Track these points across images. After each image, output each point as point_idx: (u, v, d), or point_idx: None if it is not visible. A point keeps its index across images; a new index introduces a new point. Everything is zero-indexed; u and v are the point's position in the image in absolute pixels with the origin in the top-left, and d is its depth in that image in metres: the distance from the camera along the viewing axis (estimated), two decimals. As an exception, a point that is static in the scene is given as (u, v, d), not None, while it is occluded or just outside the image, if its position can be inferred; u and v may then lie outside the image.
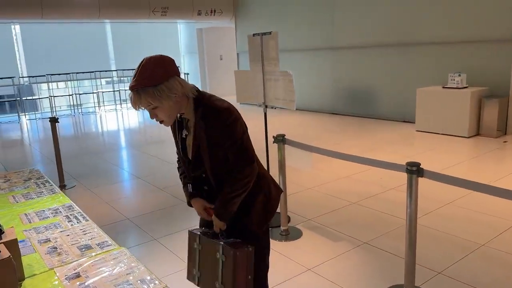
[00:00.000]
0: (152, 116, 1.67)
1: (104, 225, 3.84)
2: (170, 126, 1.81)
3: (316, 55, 9.50)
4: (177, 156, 1.94)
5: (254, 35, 3.52)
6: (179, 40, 14.15)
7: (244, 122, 1.76)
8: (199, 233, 1.84)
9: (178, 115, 1.77)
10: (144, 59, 1.63)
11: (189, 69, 13.89)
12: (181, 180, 1.96)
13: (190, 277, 1.89)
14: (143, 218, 3.97)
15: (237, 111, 1.73)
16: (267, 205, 1.86)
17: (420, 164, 2.36)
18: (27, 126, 9.88)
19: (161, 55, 1.65)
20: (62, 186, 4.99)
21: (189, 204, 1.92)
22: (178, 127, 1.82)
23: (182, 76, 1.71)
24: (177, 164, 1.98)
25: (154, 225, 3.79)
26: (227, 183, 1.74)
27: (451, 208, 3.84)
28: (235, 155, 1.71)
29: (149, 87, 1.57)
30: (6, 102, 11.82)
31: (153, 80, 1.57)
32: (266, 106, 3.67)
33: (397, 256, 3.03)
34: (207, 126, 1.68)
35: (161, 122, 1.70)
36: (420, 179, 2.38)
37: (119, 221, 3.94)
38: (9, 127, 9.73)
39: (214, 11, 11.31)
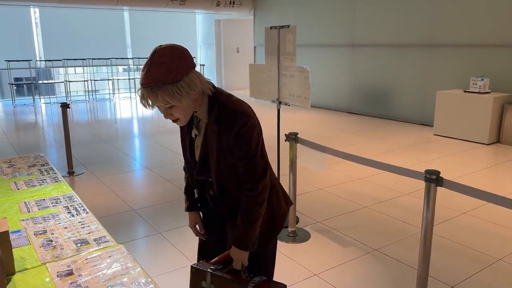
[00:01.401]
0: (167, 116, 1.49)
1: (108, 215, 3.78)
2: None
3: (335, 52, 9.31)
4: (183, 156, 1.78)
5: (271, 27, 3.39)
6: (196, 31, 14.06)
7: (261, 129, 1.57)
8: (210, 270, 1.59)
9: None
10: (156, 49, 1.40)
11: (205, 61, 13.79)
12: (185, 182, 1.83)
13: None
14: (149, 210, 3.90)
15: (256, 116, 1.56)
16: (273, 221, 1.68)
17: (439, 173, 2.22)
18: (42, 110, 9.92)
19: (175, 44, 1.44)
20: (71, 173, 4.96)
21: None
22: (188, 125, 1.65)
23: (197, 68, 1.58)
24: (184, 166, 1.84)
25: (160, 218, 3.71)
26: (242, 205, 1.55)
27: (467, 218, 3.68)
28: (247, 168, 1.53)
29: (168, 84, 1.36)
30: (25, 85, 11.92)
31: (173, 75, 1.36)
32: (279, 103, 3.55)
33: (409, 266, 2.90)
34: (220, 130, 1.51)
35: (175, 121, 1.52)
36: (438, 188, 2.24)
37: (125, 212, 3.88)
38: (24, 110, 9.78)
39: (233, 2, 11.17)
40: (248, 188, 1.54)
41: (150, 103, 1.41)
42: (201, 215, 1.83)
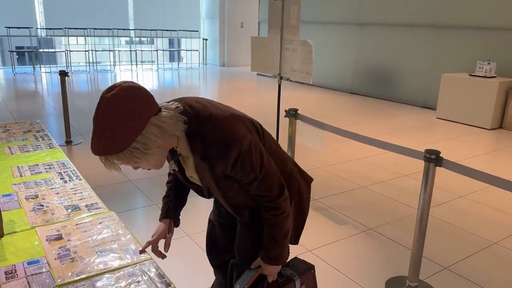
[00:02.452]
0: (135, 169, 1.27)
1: (105, 185, 3.77)
2: None
3: (339, 30, 9.14)
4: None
5: None
6: (200, 3, 13.79)
7: (257, 140, 1.36)
8: None
9: None
10: (101, 105, 1.13)
11: (208, 35, 13.59)
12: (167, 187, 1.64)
13: None
14: (146, 182, 3.89)
15: (249, 128, 1.34)
16: (300, 208, 1.58)
17: (439, 153, 2.18)
18: (43, 79, 9.83)
19: (125, 89, 1.14)
20: (68, 142, 4.93)
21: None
22: (169, 155, 1.38)
23: (199, 43, 1.35)
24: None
25: (156, 190, 3.70)
26: (267, 224, 1.42)
27: (464, 202, 3.66)
28: (261, 190, 1.36)
29: (119, 152, 1.14)
30: (26, 53, 11.78)
31: (119, 146, 1.12)
32: (281, 78, 3.49)
33: (403, 246, 2.90)
34: (213, 166, 1.30)
35: (149, 169, 1.30)
36: (437, 168, 2.21)
37: (121, 182, 3.87)
38: (24, 78, 9.69)
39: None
40: (270, 207, 1.39)
41: (109, 167, 1.19)
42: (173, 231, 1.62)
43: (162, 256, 1.54)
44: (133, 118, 1.12)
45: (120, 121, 1.11)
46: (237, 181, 1.36)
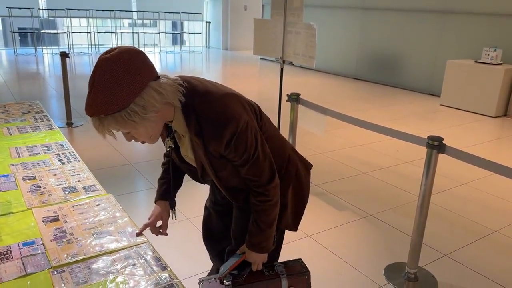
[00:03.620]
0: (128, 139, 1.24)
1: (105, 167, 3.76)
2: None
3: (344, 14, 9.00)
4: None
5: (279, -19, 3.23)
6: (204, -14, 13.61)
7: (254, 123, 1.32)
8: (229, 284, 1.43)
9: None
10: (99, 64, 1.10)
11: (211, 18, 13.44)
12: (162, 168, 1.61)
13: None
14: (146, 165, 3.88)
15: (247, 109, 1.30)
16: (299, 193, 1.54)
17: (442, 139, 2.15)
18: (44, 60, 9.77)
19: (121, 57, 1.09)
20: (69, 124, 4.91)
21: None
22: (165, 132, 1.39)
23: (202, 26, 1.26)
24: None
25: (157, 173, 3.67)
26: (254, 210, 1.38)
27: (466, 189, 3.64)
28: (252, 174, 1.33)
29: (115, 113, 1.09)
30: (28, 34, 11.68)
31: (116, 105, 1.07)
32: (283, 62, 3.44)
33: (403, 232, 2.89)
34: (206, 143, 1.26)
35: (142, 142, 1.27)
36: (439, 155, 2.18)
37: (121, 165, 3.86)
38: (26, 59, 9.63)
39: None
40: (258, 192, 1.35)
41: (101, 131, 1.14)
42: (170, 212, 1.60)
43: (164, 234, 1.53)
44: (134, 78, 1.09)
45: (120, 80, 1.07)
46: (231, 162, 1.32)
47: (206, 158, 1.31)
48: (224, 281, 1.40)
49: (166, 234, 1.54)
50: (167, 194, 1.57)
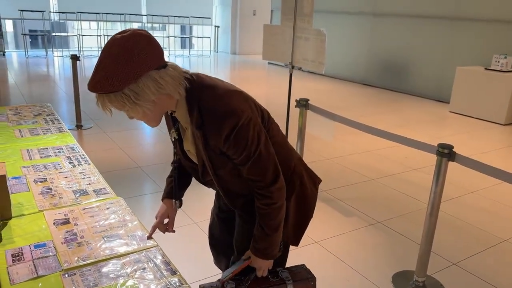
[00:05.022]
0: (129, 117, 1.26)
1: (114, 170, 3.79)
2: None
3: (354, 20, 9.00)
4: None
5: (289, -13, 3.24)
6: (213, -10, 13.68)
7: (259, 120, 1.29)
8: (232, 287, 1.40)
9: (169, 111, 1.35)
10: (108, 44, 1.15)
11: (220, 22, 13.50)
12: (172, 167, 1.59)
13: None
14: (155, 168, 3.90)
15: (252, 106, 1.29)
16: (303, 206, 1.48)
17: (453, 147, 2.14)
18: (55, 63, 9.87)
19: (132, 38, 1.13)
20: (79, 126, 4.95)
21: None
22: (171, 122, 1.40)
23: (211, 30, 1.31)
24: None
25: (165, 176, 3.69)
26: (259, 214, 1.34)
27: (475, 197, 3.61)
28: (253, 173, 1.29)
29: (110, 93, 1.14)
30: (39, 37, 11.81)
31: (110, 86, 1.12)
32: (292, 67, 3.44)
33: (411, 240, 2.87)
34: (206, 136, 1.25)
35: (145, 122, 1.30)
36: (449, 163, 2.17)
37: (130, 168, 3.88)
38: (36, 61, 9.73)
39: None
40: (261, 194, 1.31)
41: (104, 108, 1.19)
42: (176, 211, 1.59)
43: (172, 231, 1.55)
44: (133, 64, 1.11)
45: (119, 63, 1.10)
46: (231, 160, 1.29)
47: (206, 153, 1.29)
48: (226, 285, 1.37)
49: (174, 231, 1.56)
50: (173, 192, 1.56)
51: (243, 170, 1.30)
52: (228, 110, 1.21)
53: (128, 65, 1.11)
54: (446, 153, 2.13)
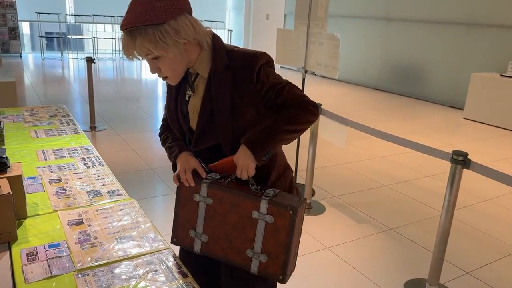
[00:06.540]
0: (153, 70, 1.25)
1: (126, 171, 3.82)
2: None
3: (368, 25, 8.97)
4: (164, 116, 1.52)
5: (303, -8, 3.25)
6: (227, -6, 13.76)
7: None
8: (206, 180, 1.30)
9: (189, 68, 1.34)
10: None
11: (233, 26, 13.56)
12: (162, 140, 1.51)
13: (183, 240, 1.41)
14: (167, 170, 3.92)
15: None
16: (284, 174, 1.45)
17: (467, 155, 2.11)
18: (70, 65, 10.01)
19: None
20: (92, 128, 5.01)
21: (175, 164, 1.41)
22: (180, 84, 1.38)
23: (224, 34, 1.37)
24: (161, 127, 1.56)
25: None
26: (282, 113, 1.29)
27: (490, 206, 3.56)
28: (291, 95, 1.29)
29: (148, 26, 1.13)
30: (55, 39, 12.01)
31: (154, 15, 1.12)
32: (305, 71, 3.44)
33: (423, 248, 2.83)
34: (236, 77, 1.25)
35: (164, 78, 1.28)
36: (464, 170, 2.14)
37: (143, 170, 3.91)
38: (52, 63, 9.89)
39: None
40: (307, 109, 1.30)
41: (131, 51, 1.17)
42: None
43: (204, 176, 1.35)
44: (171, 2, 1.16)
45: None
46: (257, 105, 1.28)
47: (229, 97, 1.25)
48: (208, 176, 1.31)
49: (204, 177, 1.34)
50: (185, 146, 1.42)
51: (279, 99, 1.28)
52: (256, 52, 1.28)
53: (166, 1, 1.15)
54: (460, 160, 2.10)
